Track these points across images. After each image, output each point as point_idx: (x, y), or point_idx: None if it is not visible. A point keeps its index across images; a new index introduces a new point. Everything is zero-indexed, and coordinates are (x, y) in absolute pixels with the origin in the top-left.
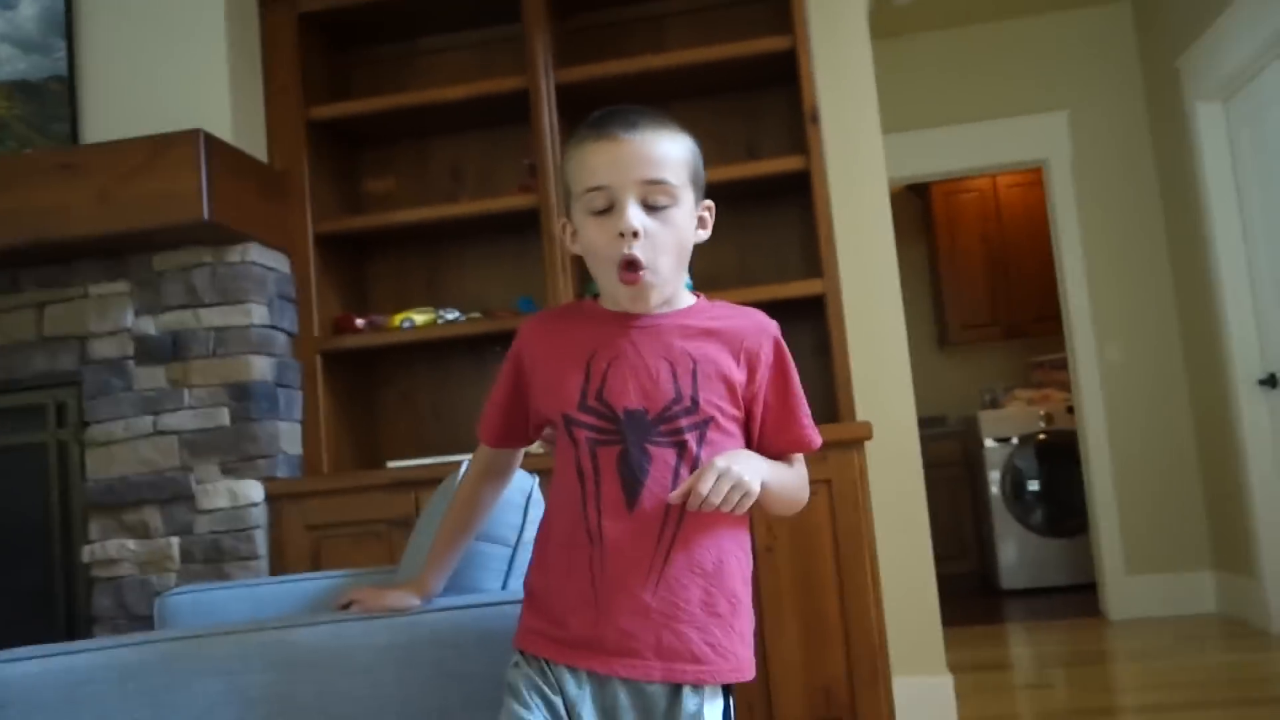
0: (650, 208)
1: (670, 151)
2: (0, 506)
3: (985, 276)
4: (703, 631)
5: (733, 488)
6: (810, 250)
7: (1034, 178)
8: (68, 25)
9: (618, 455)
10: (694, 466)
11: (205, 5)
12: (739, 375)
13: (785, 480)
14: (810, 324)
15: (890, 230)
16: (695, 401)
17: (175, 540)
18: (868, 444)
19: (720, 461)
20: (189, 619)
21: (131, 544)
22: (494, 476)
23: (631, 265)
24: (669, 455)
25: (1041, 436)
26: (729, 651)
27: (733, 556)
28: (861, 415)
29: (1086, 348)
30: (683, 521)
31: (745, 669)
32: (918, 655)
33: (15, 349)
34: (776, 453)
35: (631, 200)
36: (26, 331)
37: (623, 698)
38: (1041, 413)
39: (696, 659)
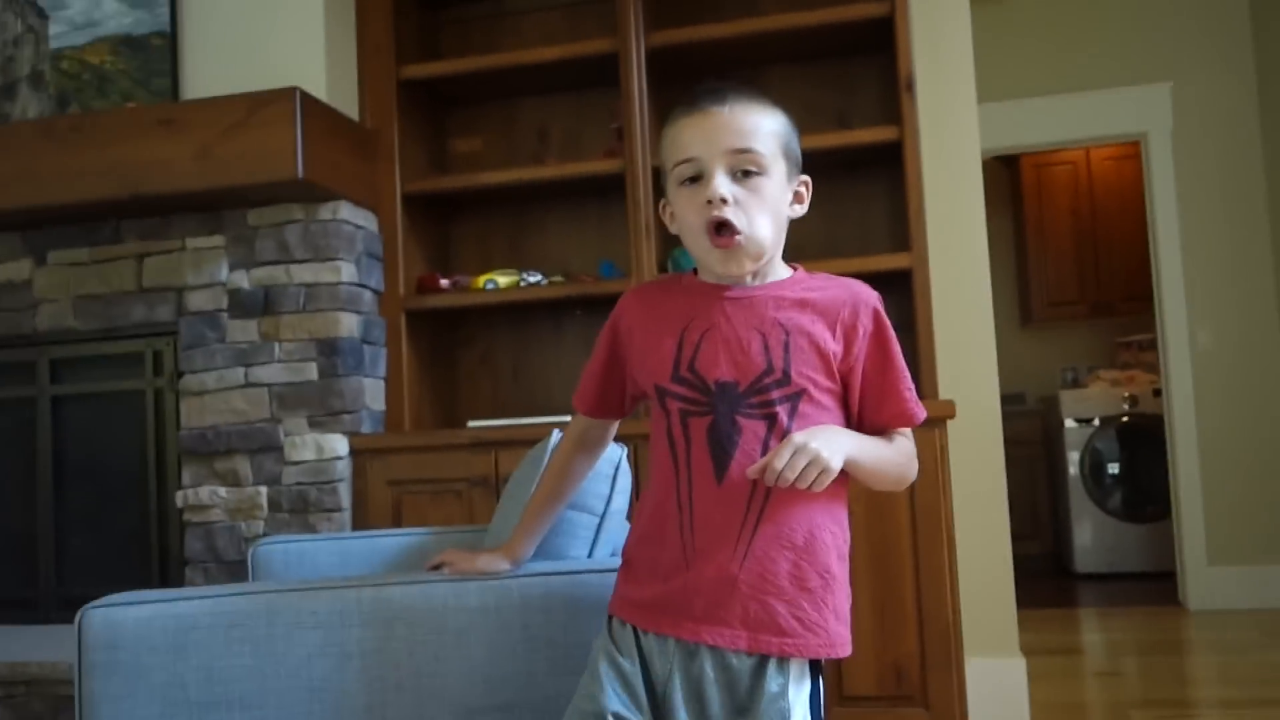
0: (740, 177)
1: (760, 123)
2: (100, 450)
3: (1073, 252)
4: (791, 605)
5: (810, 464)
6: (898, 223)
7: (1129, 151)
8: None
9: (708, 426)
10: (784, 438)
11: None
12: (834, 346)
13: (880, 456)
14: (896, 299)
15: (981, 205)
16: (786, 373)
17: (264, 489)
18: (949, 422)
19: (798, 437)
20: (280, 568)
21: (222, 491)
22: (588, 447)
23: (721, 228)
24: (759, 427)
25: (1124, 419)
26: (819, 626)
27: (826, 530)
28: (944, 393)
29: (1178, 330)
30: (771, 494)
31: (838, 645)
32: (991, 637)
33: (116, 299)
34: (877, 427)
35: (720, 169)
36: (127, 282)
37: (709, 670)
38: (1126, 394)
39: (783, 632)
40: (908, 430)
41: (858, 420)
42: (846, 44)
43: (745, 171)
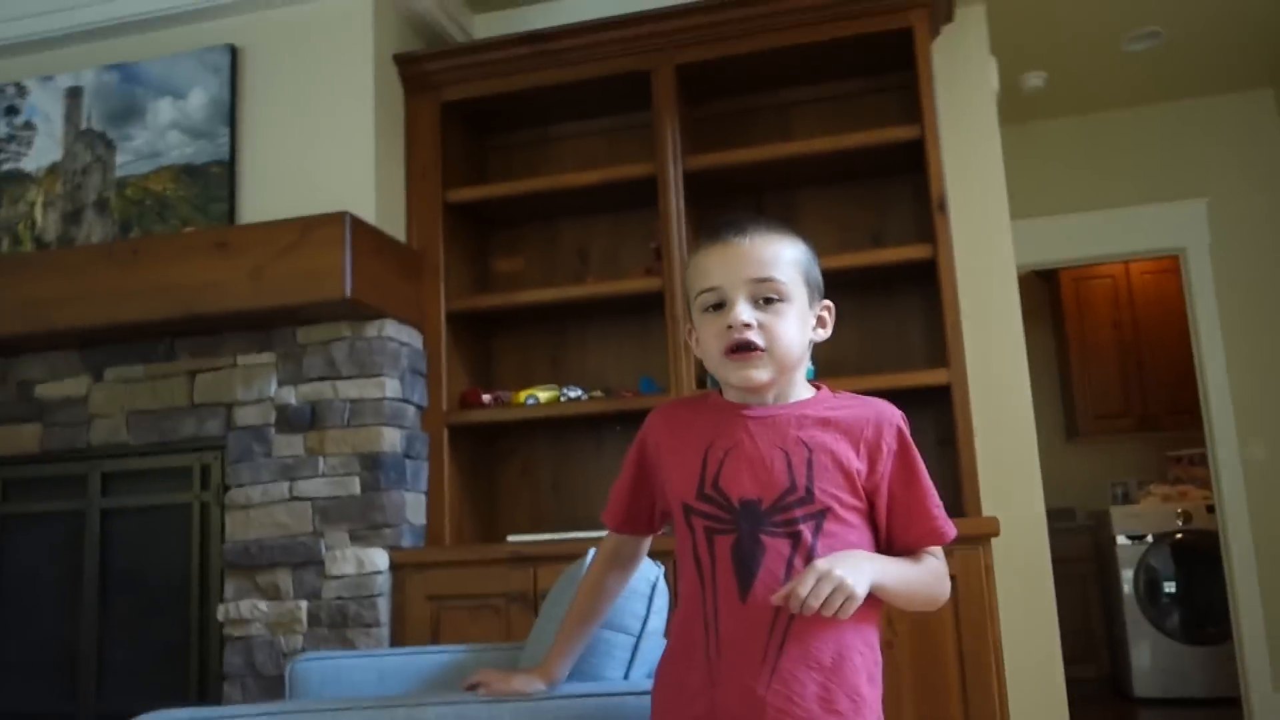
0: (761, 304)
1: (780, 253)
2: (146, 563)
3: (1117, 365)
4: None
5: (835, 591)
6: (935, 339)
7: (1169, 264)
8: (231, 113)
9: (732, 544)
10: (809, 558)
11: (356, 94)
12: (859, 464)
13: (908, 578)
14: (935, 414)
15: (1019, 319)
16: (810, 491)
17: (304, 604)
18: (993, 540)
19: (822, 563)
20: (317, 684)
21: (263, 605)
22: (620, 564)
23: (740, 346)
24: (783, 546)
25: (1179, 535)
26: None
27: (855, 651)
28: (987, 509)
29: (1228, 443)
30: (796, 615)
31: None
32: None
33: (168, 414)
34: (907, 546)
35: (742, 298)
36: (179, 398)
37: None
38: (1179, 510)
39: None
40: (938, 549)
41: (886, 539)
42: (879, 165)
43: (767, 299)
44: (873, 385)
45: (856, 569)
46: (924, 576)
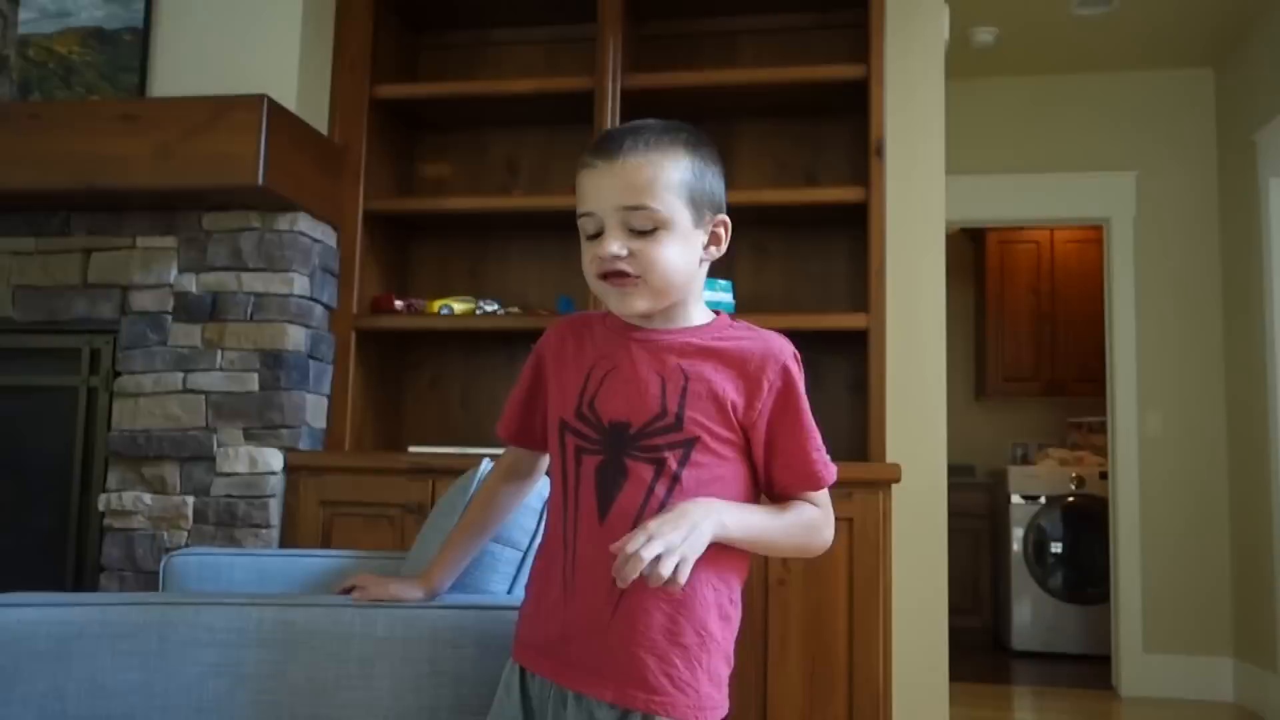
0: (635, 232)
1: (656, 175)
2: (26, 447)
3: (1031, 329)
4: (662, 660)
5: (664, 555)
6: (858, 283)
7: (1092, 235)
8: None
9: (596, 465)
10: (672, 485)
11: None
12: (735, 397)
13: (767, 529)
14: (850, 358)
15: (942, 273)
16: (680, 419)
17: (190, 499)
18: (894, 486)
19: (653, 523)
20: (194, 581)
21: (147, 498)
22: (515, 479)
23: (612, 274)
24: (645, 471)
25: (1070, 499)
26: (689, 686)
27: (708, 586)
28: (891, 457)
29: (1128, 414)
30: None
31: (709, 708)
32: (921, 708)
33: (59, 292)
34: (784, 488)
35: (614, 226)
36: (72, 276)
37: (572, 716)
38: (1073, 474)
39: (651, 688)
40: (822, 495)
41: (765, 480)
42: (820, 103)
43: (642, 229)
44: (792, 324)
45: (695, 527)
46: (788, 528)
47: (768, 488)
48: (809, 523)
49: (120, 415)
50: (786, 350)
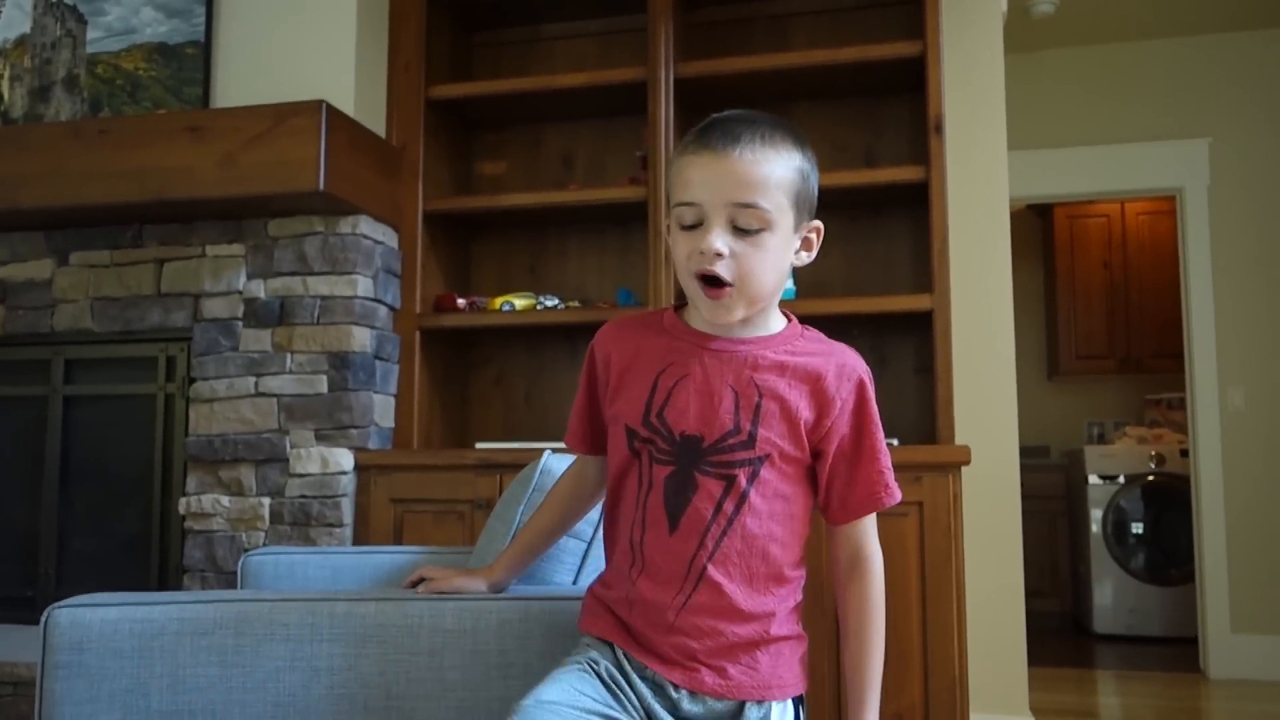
0: (740, 230)
1: (771, 172)
2: (109, 452)
3: (1104, 305)
4: (723, 658)
5: None
6: (921, 264)
7: (1165, 206)
8: None
9: (667, 476)
10: (740, 502)
11: None
12: (807, 414)
13: (878, 659)
14: (915, 341)
15: (1008, 250)
16: (752, 437)
17: (266, 500)
18: (964, 469)
19: None
20: (270, 579)
21: (225, 500)
22: (586, 485)
23: (711, 281)
24: (715, 487)
25: (1150, 478)
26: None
27: (771, 595)
28: (961, 439)
29: (1208, 390)
30: (716, 553)
31: (779, 687)
32: (999, 693)
33: (134, 302)
34: (846, 507)
35: (720, 221)
36: (146, 286)
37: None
38: (1153, 453)
39: (710, 689)
40: (868, 523)
41: (824, 498)
42: (877, 82)
43: (748, 228)
44: (855, 308)
45: None
46: (879, 634)
47: (826, 505)
48: (878, 599)
49: (196, 420)
50: (860, 367)
